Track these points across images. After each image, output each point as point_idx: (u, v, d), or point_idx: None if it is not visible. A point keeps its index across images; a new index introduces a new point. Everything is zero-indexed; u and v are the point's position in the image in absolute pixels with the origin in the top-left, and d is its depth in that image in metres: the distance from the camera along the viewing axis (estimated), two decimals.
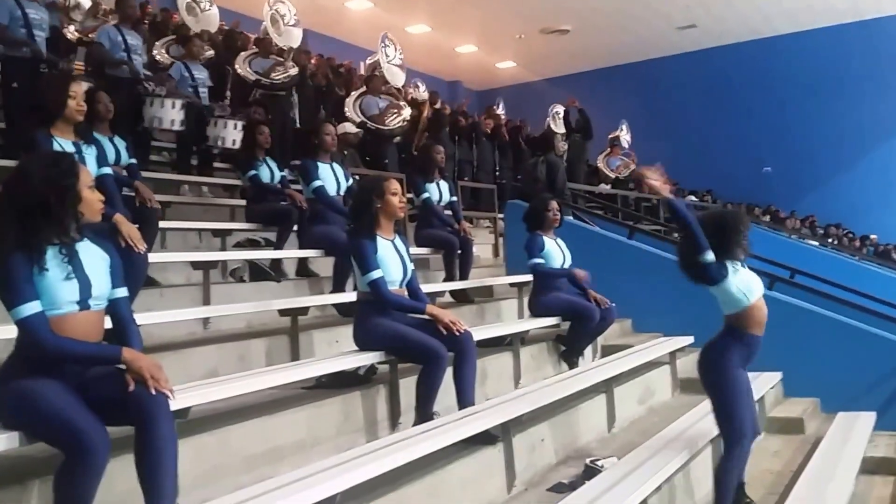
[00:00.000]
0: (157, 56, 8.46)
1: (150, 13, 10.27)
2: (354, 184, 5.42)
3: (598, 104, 14.88)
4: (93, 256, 2.35)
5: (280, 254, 5.33)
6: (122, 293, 2.43)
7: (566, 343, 5.34)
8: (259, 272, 5.27)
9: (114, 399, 2.16)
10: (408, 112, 9.09)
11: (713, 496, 3.44)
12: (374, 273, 3.61)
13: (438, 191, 6.12)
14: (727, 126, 17.81)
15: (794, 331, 6.11)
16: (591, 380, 4.27)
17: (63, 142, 3.68)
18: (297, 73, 8.43)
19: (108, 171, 3.96)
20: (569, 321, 5.29)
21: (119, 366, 2.22)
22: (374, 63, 9.84)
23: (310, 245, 5.28)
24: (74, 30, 8.51)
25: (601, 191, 11.22)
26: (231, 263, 5.35)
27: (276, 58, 8.37)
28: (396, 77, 9.47)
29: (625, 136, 12.79)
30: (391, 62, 9.36)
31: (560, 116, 12.54)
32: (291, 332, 4.16)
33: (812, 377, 5.88)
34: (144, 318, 3.40)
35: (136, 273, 3.52)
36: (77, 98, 3.68)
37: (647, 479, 3.06)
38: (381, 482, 2.67)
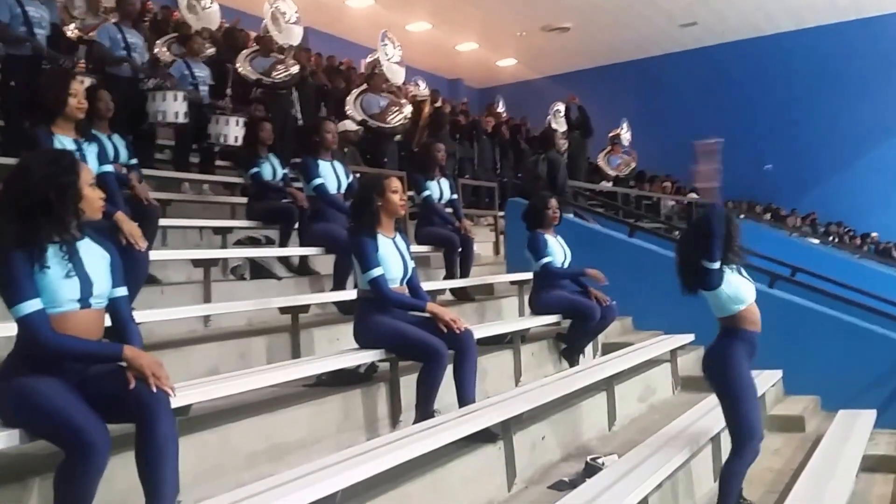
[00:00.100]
0: (159, 54, 8.45)
1: (151, 10, 10.25)
2: (355, 181, 5.42)
3: (599, 102, 14.87)
4: (93, 255, 2.35)
5: (281, 251, 5.33)
6: (122, 292, 2.43)
7: (567, 341, 5.34)
8: (260, 270, 5.27)
9: (115, 396, 2.17)
10: (409, 110, 9.07)
11: (718, 494, 3.44)
12: (375, 271, 3.62)
13: (439, 189, 6.12)
14: (728, 124, 17.80)
15: (795, 329, 6.11)
16: (592, 378, 4.27)
17: (64, 139, 3.68)
18: (298, 72, 8.43)
19: (109, 169, 3.95)
20: (569, 319, 5.29)
21: (120, 363, 2.22)
22: (374, 61, 9.83)
23: (310, 243, 5.28)
24: (75, 28, 8.50)
25: (602, 188, 11.20)
26: (232, 261, 5.35)
27: (278, 55, 8.37)
28: (396, 75, 9.46)
29: (625, 135, 12.75)
30: (391, 60, 9.35)
31: (561, 114, 12.52)
32: (292, 330, 4.16)
33: (812, 375, 5.89)
34: (145, 316, 3.41)
35: (138, 271, 3.53)
36: (77, 96, 3.68)
37: (648, 477, 3.06)
38: (382, 480, 2.67)
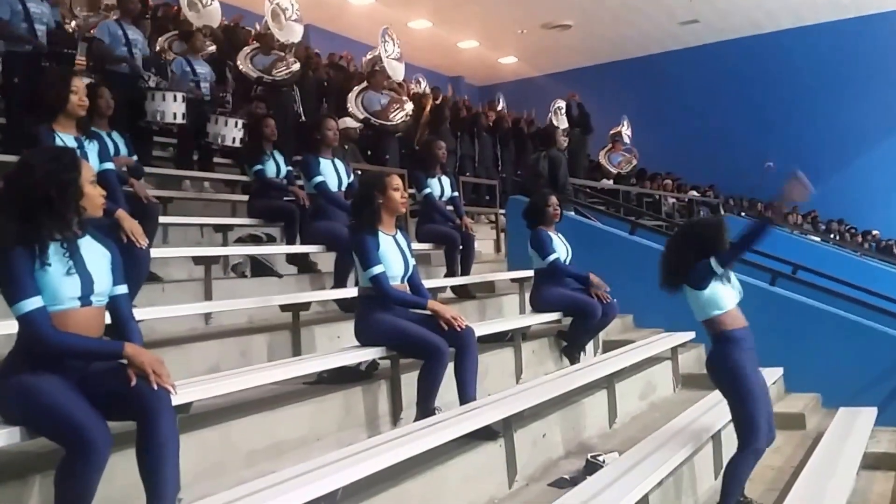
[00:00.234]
0: (160, 52, 8.44)
1: (151, 7, 10.24)
2: (356, 181, 5.41)
3: (600, 99, 14.84)
4: (94, 253, 2.35)
5: (282, 249, 5.33)
6: (123, 290, 2.43)
7: (568, 338, 5.34)
8: (261, 267, 5.27)
9: (115, 394, 2.17)
10: (410, 107, 9.07)
11: (721, 492, 3.45)
12: (376, 268, 3.62)
13: (440, 186, 6.12)
14: (729, 121, 17.76)
15: (796, 326, 6.12)
16: (593, 375, 4.27)
17: (65, 137, 3.68)
18: (299, 69, 8.42)
19: (110, 167, 3.96)
20: (570, 317, 5.28)
21: (121, 361, 2.22)
22: (375, 58, 9.82)
23: (311, 240, 5.28)
24: (76, 24, 8.49)
25: (603, 186, 11.19)
26: (232, 259, 5.35)
27: (278, 53, 8.36)
28: (396, 71, 9.46)
29: (626, 132, 12.75)
30: (390, 57, 9.34)
31: (562, 111, 12.52)
32: (293, 328, 4.16)
33: (813, 372, 5.88)
34: (146, 314, 3.42)
35: (139, 268, 3.54)
36: (79, 93, 3.69)
37: (649, 475, 3.06)
38: (383, 477, 2.67)
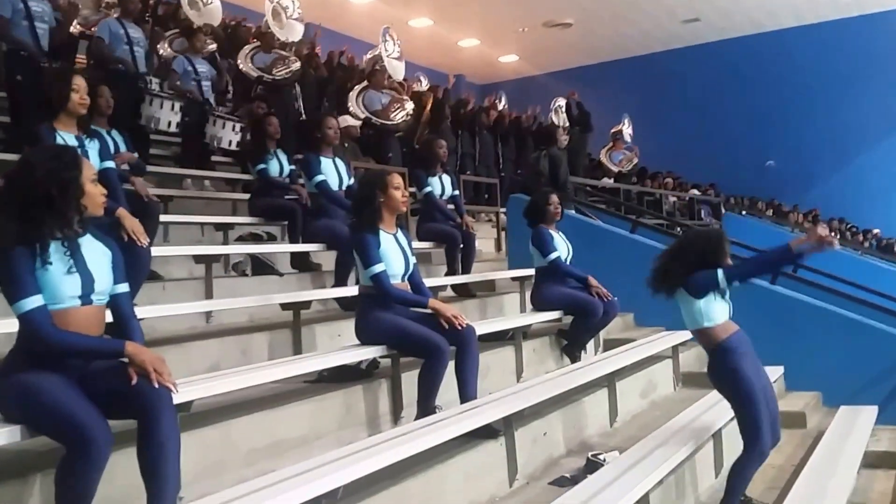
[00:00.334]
0: (161, 51, 8.43)
1: (152, 5, 10.23)
2: (356, 183, 5.40)
3: (601, 98, 14.84)
4: (95, 251, 2.35)
5: (282, 247, 5.33)
6: (124, 289, 2.43)
7: (568, 337, 5.34)
8: (261, 266, 5.27)
9: (116, 393, 2.17)
10: (411, 106, 9.06)
11: (724, 492, 3.45)
12: (377, 267, 3.61)
13: (441, 184, 6.12)
14: (730, 120, 17.76)
15: (797, 325, 6.12)
16: (594, 374, 4.27)
17: (66, 135, 3.68)
18: (300, 68, 8.41)
19: (111, 165, 3.96)
20: (571, 315, 5.28)
21: (121, 359, 2.22)
22: (375, 57, 9.82)
23: (312, 239, 5.28)
24: (77, 23, 8.49)
25: (604, 185, 11.19)
26: (233, 257, 5.35)
27: (279, 51, 8.35)
28: (397, 70, 9.45)
29: (627, 130, 12.74)
30: (391, 56, 9.33)
31: (563, 110, 12.52)
32: (293, 326, 4.16)
33: (814, 371, 5.88)
34: (147, 312, 3.42)
35: (140, 267, 3.54)
36: (80, 91, 3.69)
37: (650, 473, 3.06)
38: (383, 476, 2.67)
